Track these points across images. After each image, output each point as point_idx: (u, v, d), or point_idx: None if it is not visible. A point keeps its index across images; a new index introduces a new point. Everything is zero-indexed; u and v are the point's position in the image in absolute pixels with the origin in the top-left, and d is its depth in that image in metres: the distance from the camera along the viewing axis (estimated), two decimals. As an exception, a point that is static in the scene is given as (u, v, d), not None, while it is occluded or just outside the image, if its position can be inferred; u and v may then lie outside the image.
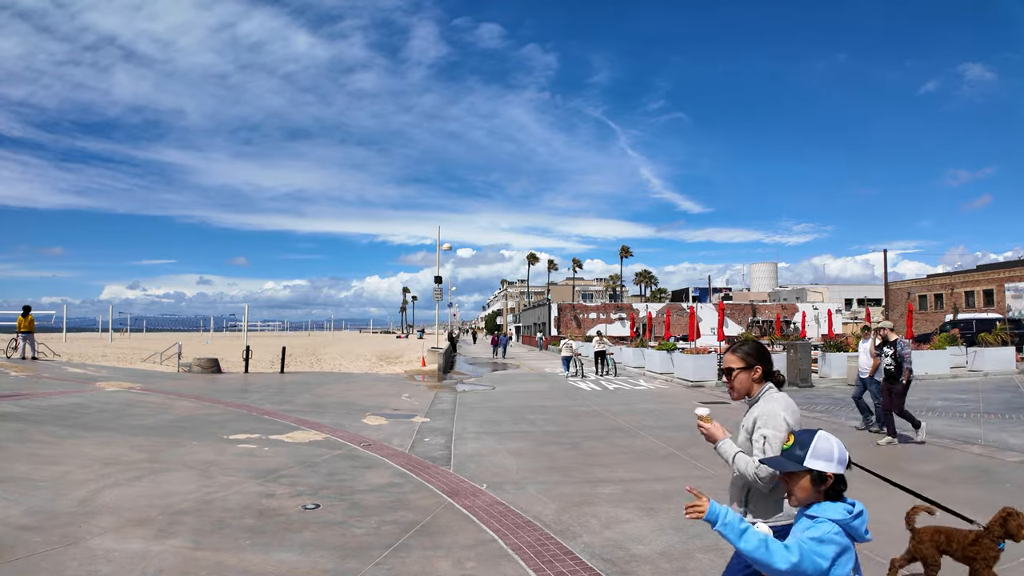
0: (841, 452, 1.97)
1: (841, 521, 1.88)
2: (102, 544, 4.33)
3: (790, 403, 2.48)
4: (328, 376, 19.10)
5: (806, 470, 1.94)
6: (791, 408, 2.46)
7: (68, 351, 24.55)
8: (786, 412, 2.43)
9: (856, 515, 1.90)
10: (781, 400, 2.49)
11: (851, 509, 1.91)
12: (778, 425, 2.39)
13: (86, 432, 8.22)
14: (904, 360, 8.27)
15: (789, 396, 2.56)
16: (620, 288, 78.39)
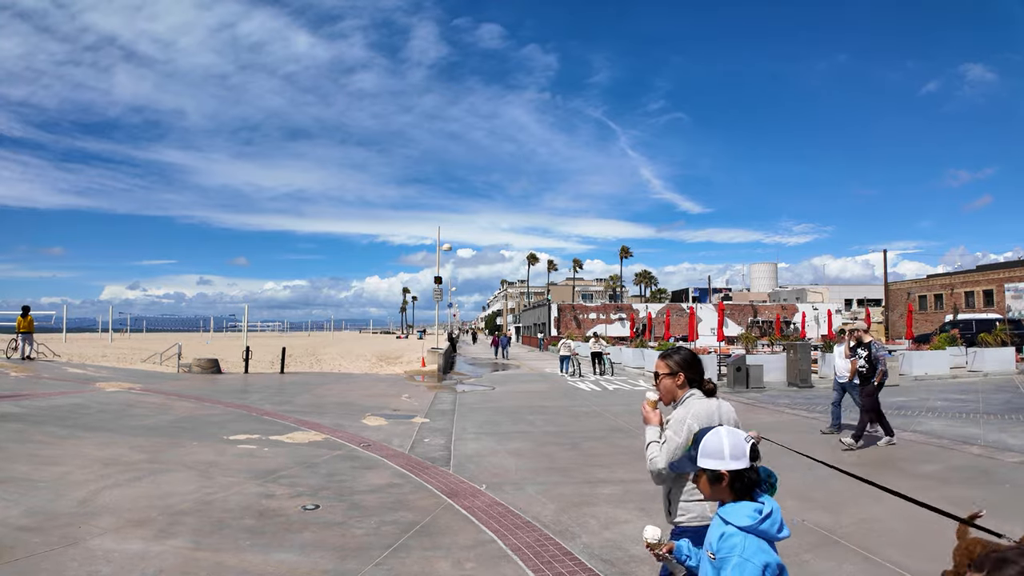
0: (735, 448, 1.93)
1: (749, 528, 1.85)
2: (102, 545, 4.33)
3: (706, 411, 2.59)
4: (328, 376, 19.11)
5: (702, 469, 1.96)
6: (703, 415, 2.56)
7: (68, 351, 24.55)
8: (693, 419, 2.54)
9: (764, 518, 1.86)
10: (695, 406, 2.60)
11: (760, 510, 1.87)
12: (679, 430, 2.53)
13: (86, 433, 8.22)
14: (879, 362, 8.23)
15: (727, 403, 2.70)
16: (620, 288, 78.39)
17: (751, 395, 14.30)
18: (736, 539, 1.83)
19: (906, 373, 17.32)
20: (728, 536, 1.86)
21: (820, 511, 5.32)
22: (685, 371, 2.73)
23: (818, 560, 4.22)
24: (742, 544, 1.81)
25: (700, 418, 2.57)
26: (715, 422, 2.55)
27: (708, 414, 2.59)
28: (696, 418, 2.57)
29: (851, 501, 5.62)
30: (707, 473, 1.95)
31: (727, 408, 2.70)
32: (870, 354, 8.31)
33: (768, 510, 1.88)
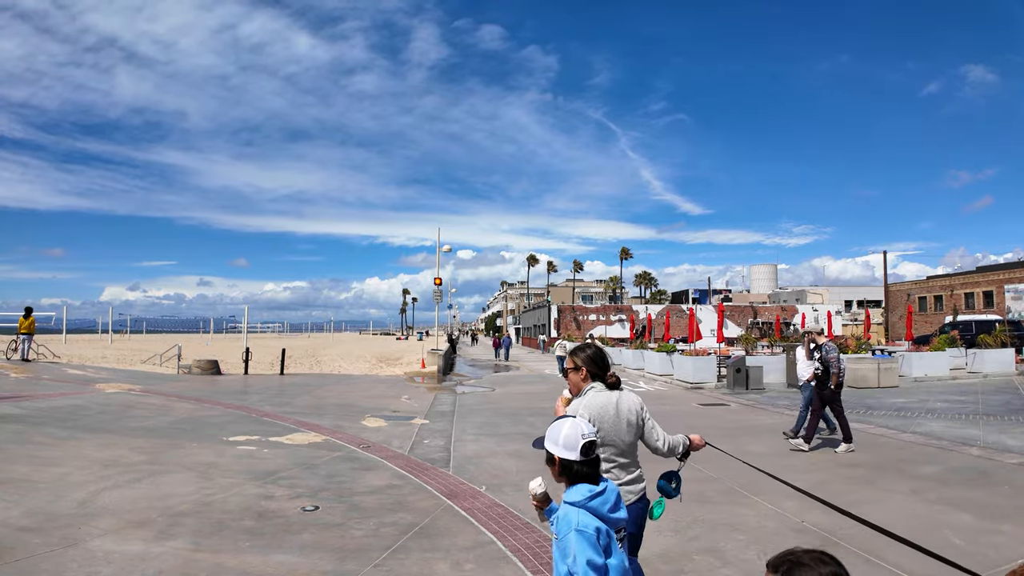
0: (568, 438, 2.09)
1: (577, 503, 2.05)
2: (102, 546, 4.34)
3: (601, 402, 2.84)
4: (328, 378, 19.11)
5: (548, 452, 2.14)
6: (595, 406, 2.82)
7: (68, 353, 24.54)
8: (585, 408, 2.81)
9: (595, 495, 2.06)
10: (589, 398, 2.87)
11: (593, 490, 2.07)
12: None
13: (86, 434, 8.23)
14: (830, 365, 8.20)
15: (632, 395, 3.00)
16: (620, 290, 78.39)
17: (751, 396, 14.30)
18: (572, 515, 2.03)
19: (906, 374, 17.33)
20: (564, 515, 2.07)
21: (820, 512, 5.31)
22: (588, 367, 2.97)
23: (817, 561, 4.22)
24: (576, 518, 2.02)
25: (592, 408, 2.81)
26: (609, 413, 2.83)
27: (602, 405, 2.84)
28: (588, 408, 2.81)
29: (851, 503, 5.62)
30: (547, 454, 2.16)
31: (629, 400, 2.95)
32: (822, 356, 8.30)
33: (600, 489, 2.08)
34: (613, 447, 2.85)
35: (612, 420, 2.83)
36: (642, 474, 3.03)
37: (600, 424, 2.77)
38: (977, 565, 4.08)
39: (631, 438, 2.94)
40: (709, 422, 10.75)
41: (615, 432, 2.85)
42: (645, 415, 3.03)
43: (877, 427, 9.65)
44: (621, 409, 2.88)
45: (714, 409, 12.47)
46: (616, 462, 2.87)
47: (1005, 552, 4.32)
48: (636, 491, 2.92)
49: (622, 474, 2.89)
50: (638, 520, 2.88)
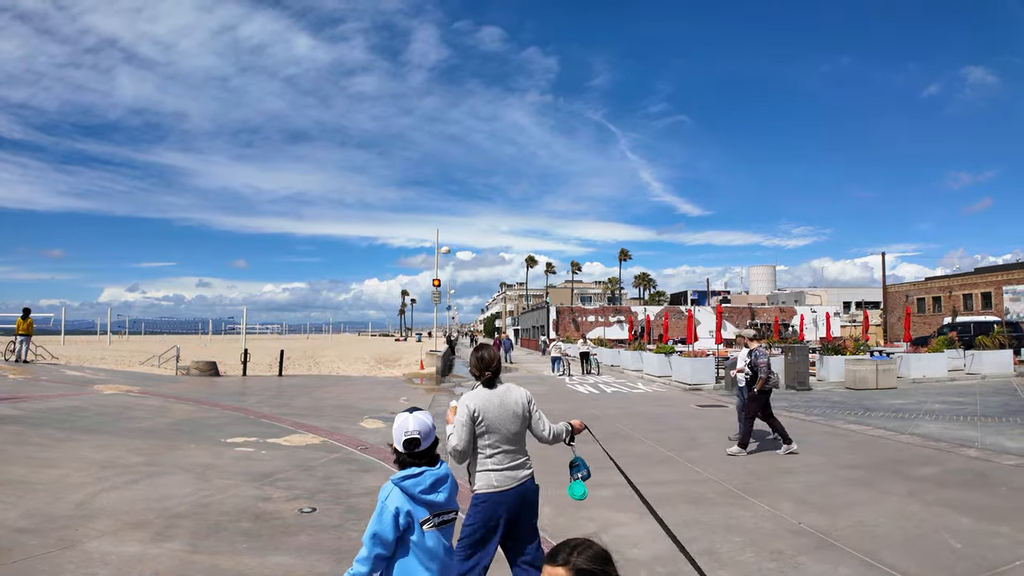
0: (399, 431, 2.43)
1: (393, 480, 2.38)
2: (99, 547, 4.33)
3: (484, 396, 3.17)
4: (326, 379, 19.10)
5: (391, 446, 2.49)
6: (480, 397, 3.16)
7: (66, 354, 24.51)
8: (469, 399, 3.15)
9: (408, 476, 2.38)
10: (476, 391, 3.21)
11: (412, 471, 2.39)
12: (459, 407, 3.14)
13: (84, 435, 8.22)
14: (759, 369, 8.17)
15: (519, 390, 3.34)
16: (619, 291, 78.41)
17: (749, 398, 14.31)
18: (386, 489, 2.35)
19: (904, 376, 17.35)
20: (382, 488, 2.38)
21: (816, 513, 5.32)
22: (474, 368, 3.30)
23: (814, 563, 4.22)
24: (387, 492, 2.34)
25: (477, 400, 3.15)
26: (494, 403, 3.16)
27: (486, 398, 3.17)
28: (474, 400, 3.15)
29: (848, 504, 5.63)
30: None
31: (516, 394, 3.27)
32: (751, 360, 8.27)
33: (417, 472, 2.40)
34: (498, 435, 3.14)
35: (496, 411, 3.14)
36: (527, 462, 3.28)
37: (484, 414, 3.12)
38: (975, 567, 4.09)
39: (517, 428, 3.21)
40: (707, 423, 10.75)
41: (499, 422, 3.14)
42: (532, 408, 3.33)
43: (875, 428, 9.66)
44: (506, 401, 3.19)
45: (712, 410, 12.47)
46: (500, 448, 3.14)
47: (1003, 554, 4.33)
48: (518, 477, 3.17)
49: (506, 460, 3.14)
50: (518, 503, 3.15)
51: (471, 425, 3.09)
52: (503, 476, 3.11)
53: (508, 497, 3.10)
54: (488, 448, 3.12)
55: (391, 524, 2.29)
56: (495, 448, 3.13)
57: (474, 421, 3.10)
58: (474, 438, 3.11)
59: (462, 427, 3.08)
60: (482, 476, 3.11)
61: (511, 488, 3.11)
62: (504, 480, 3.10)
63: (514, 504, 3.12)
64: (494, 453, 3.12)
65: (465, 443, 3.08)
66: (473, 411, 3.09)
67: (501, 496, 3.10)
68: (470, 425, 3.09)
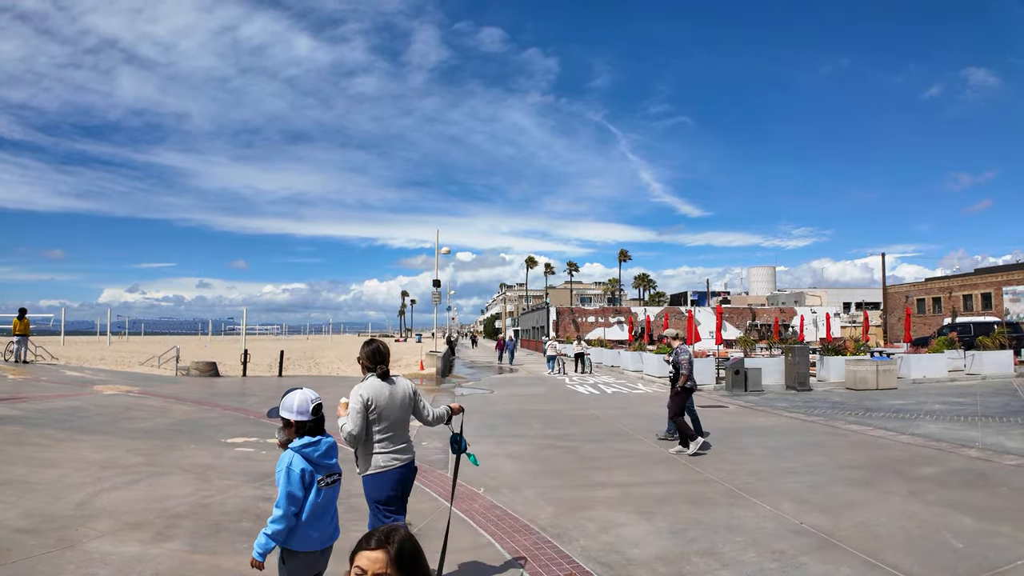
0: (302, 404, 2.81)
1: (294, 448, 2.75)
2: (99, 547, 4.32)
3: (377, 386, 3.54)
4: (326, 380, 19.08)
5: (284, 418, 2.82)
6: (373, 388, 3.52)
7: (66, 354, 24.50)
8: (362, 389, 3.49)
9: (307, 444, 2.76)
10: (368, 382, 3.56)
11: (309, 440, 2.77)
12: (352, 397, 3.49)
13: (84, 435, 8.21)
14: (680, 367, 8.30)
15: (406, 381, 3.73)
16: (619, 292, 78.41)
17: (749, 398, 14.30)
18: (287, 456, 2.73)
19: (904, 376, 17.34)
20: (283, 456, 2.74)
21: (818, 514, 5.32)
22: (368, 359, 3.64)
23: (816, 563, 4.22)
24: (290, 458, 2.71)
25: (370, 390, 3.50)
26: (384, 393, 3.53)
27: (378, 388, 3.54)
28: (367, 389, 3.49)
29: (850, 504, 5.62)
30: (283, 420, 2.84)
31: (403, 385, 3.68)
32: (673, 360, 8.40)
33: (314, 440, 2.78)
34: (388, 422, 3.53)
35: (387, 399, 3.53)
36: (410, 447, 3.70)
37: (376, 402, 3.48)
38: (977, 567, 4.08)
39: (403, 415, 3.63)
40: (707, 424, 10.73)
41: (389, 410, 3.54)
42: (417, 398, 3.76)
43: (876, 429, 9.65)
44: (396, 392, 3.59)
45: (712, 411, 12.46)
46: (388, 434, 3.54)
47: (1004, 554, 4.32)
48: (402, 459, 3.59)
49: (390, 445, 3.55)
50: (402, 482, 3.61)
51: (365, 413, 3.45)
52: (389, 458, 3.54)
53: (394, 476, 3.56)
54: (378, 434, 3.50)
55: (299, 483, 2.68)
56: (384, 434, 3.52)
57: (367, 409, 3.46)
58: (367, 424, 3.47)
59: (357, 415, 3.43)
60: (373, 459, 3.52)
61: (395, 468, 3.56)
62: (390, 461, 3.54)
63: (400, 481, 3.58)
64: (383, 438, 3.52)
65: (359, 429, 3.44)
66: (367, 400, 3.46)
67: (387, 475, 3.54)
68: (364, 413, 3.45)
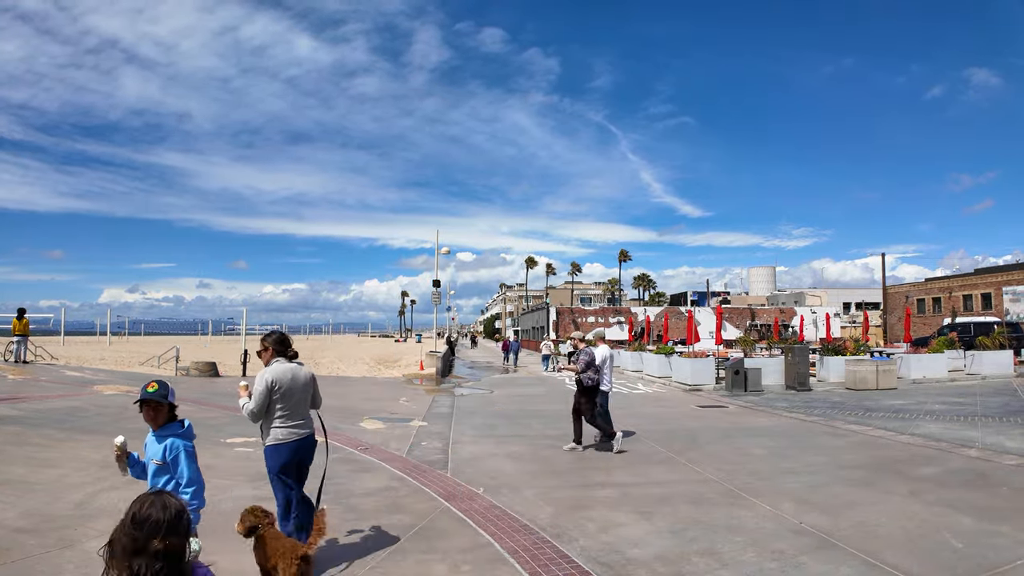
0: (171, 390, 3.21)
1: (181, 433, 3.16)
2: (99, 547, 4.31)
3: (281, 369, 4.02)
4: (326, 380, 19.08)
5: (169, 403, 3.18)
6: (278, 371, 4.01)
7: (66, 354, 24.50)
8: (268, 374, 3.98)
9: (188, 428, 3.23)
10: (274, 366, 4.05)
11: (186, 423, 3.22)
12: (258, 380, 3.98)
13: (83, 435, 8.21)
14: (579, 365, 8.47)
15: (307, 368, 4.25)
16: (619, 292, 78.42)
17: (749, 398, 14.29)
18: (178, 443, 3.11)
19: (904, 376, 17.33)
20: (173, 443, 3.10)
21: (818, 514, 5.31)
22: (274, 347, 4.12)
23: (815, 563, 4.21)
24: (183, 442, 3.13)
25: (276, 373, 3.99)
26: (287, 376, 4.01)
27: (283, 371, 4.02)
28: (272, 373, 3.99)
29: (849, 504, 5.62)
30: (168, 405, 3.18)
31: (304, 371, 4.18)
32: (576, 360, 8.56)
33: (188, 423, 3.24)
34: (290, 399, 4.01)
35: (290, 382, 4.02)
36: (308, 423, 4.18)
37: (280, 383, 3.97)
38: (976, 567, 4.08)
39: (304, 395, 4.13)
40: (707, 424, 10.74)
41: (292, 389, 4.03)
42: (315, 384, 4.28)
43: (876, 429, 9.65)
44: (297, 375, 4.09)
45: (712, 411, 12.46)
46: (289, 411, 4.02)
47: (1004, 553, 4.32)
48: (299, 433, 4.07)
49: (289, 420, 4.03)
50: (298, 452, 4.08)
51: (268, 394, 3.94)
52: (288, 431, 4.02)
53: (293, 448, 4.04)
54: (280, 410, 3.99)
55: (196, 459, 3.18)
56: (285, 411, 4.00)
57: (271, 390, 3.95)
58: (269, 403, 3.96)
59: (261, 395, 3.92)
60: (273, 432, 4.00)
61: (293, 440, 4.04)
62: (289, 435, 4.02)
63: (297, 452, 4.06)
64: (283, 415, 4.00)
65: (261, 407, 3.93)
66: (271, 382, 3.95)
67: (288, 447, 4.02)
68: (267, 394, 3.94)
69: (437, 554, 4.44)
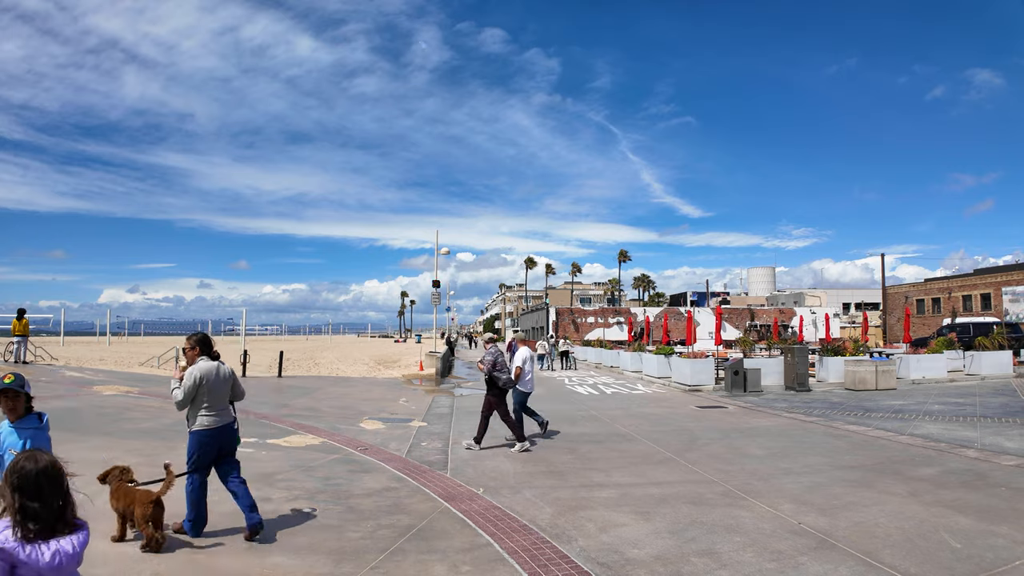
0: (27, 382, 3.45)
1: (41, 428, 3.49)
2: (99, 547, 4.32)
3: (208, 367, 4.70)
4: (325, 380, 19.08)
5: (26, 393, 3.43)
6: (205, 368, 4.68)
7: (65, 355, 24.49)
8: (196, 371, 4.65)
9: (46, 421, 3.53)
10: (201, 363, 4.73)
11: (41, 416, 3.51)
12: (188, 376, 4.65)
13: (83, 436, 8.21)
14: (484, 364, 8.67)
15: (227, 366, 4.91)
16: (618, 292, 78.42)
17: (749, 399, 14.31)
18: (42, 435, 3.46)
19: (904, 377, 17.34)
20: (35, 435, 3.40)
21: (817, 514, 5.32)
22: (199, 346, 4.81)
23: (814, 563, 4.22)
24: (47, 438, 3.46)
25: (203, 370, 4.66)
26: (213, 373, 4.70)
27: (209, 368, 4.70)
28: (200, 370, 4.66)
29: (848, 505, 5.63)
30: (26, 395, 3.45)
31: (225, 368, 4.85)
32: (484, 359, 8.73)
33: (47, 419, 3.54)
34: (213, 394, 4.68)
35: (215, 377, 4.70)
36: (228, 413, 4.84)
37: (207, 379, 4.65)
38: (975, 567, 4.09)
39: (224, 389, 4.79)
40: (706, 424, 10.75)
41: (216, 384, 4.70)
42: (235, 379, 4.92)
43: (875, 429, 9.66)
44: (221, 371, 4.79)
45: (712, 411, 12.47)
46: (212, 401, 4.68)
47: (1002, 554, 4.33)
48: (220, 421, 4.73)
49: (212, 410, 4.69)
50: (218, 438, 4.73)
51: (195, 387, 4.60)
52: (212, 419, 4.68)
53: (214, 433, 4.70)
54: (205, 401, 4.66)
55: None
56: (209, 401, 4.67)
57: (198, 385, 4.61)
58: (196, 395, 4.63)
59: (189, 388, 4.59)
60: (199, 419, 4.65)
61: (216, 427, 4.70)
62: (213, 422, 4.68)
63: (218, 438, 4.72)
64: (208, 405, 4.67)
65: (187, 397, 4.61)
66: (200, 378, 4.63)
67: (210, 432, 4.68)
68: (195, 387, 4.60)
69: (437, 554, 4.45)
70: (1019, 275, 40.74)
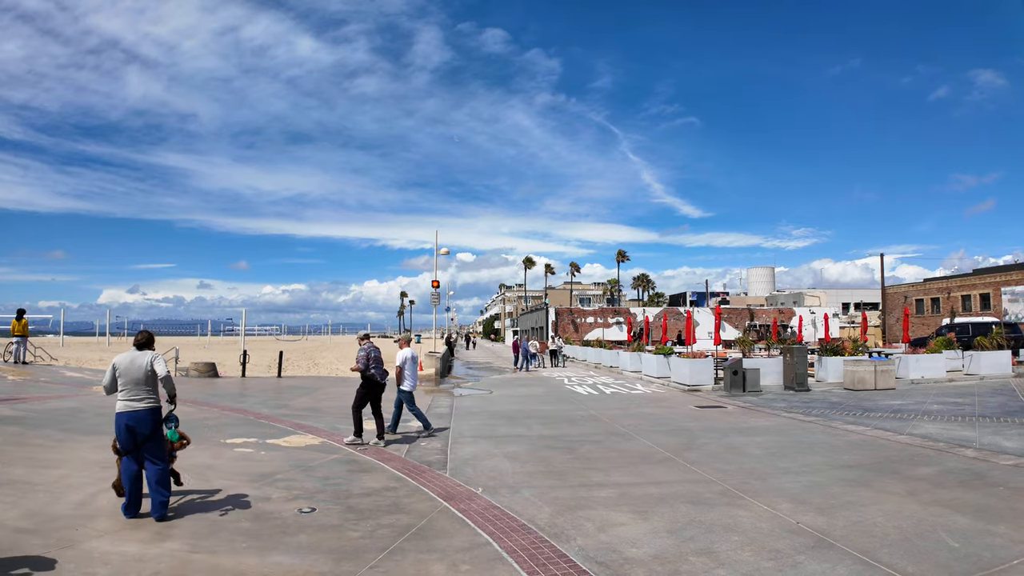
0: None
1: None
2: (99, 547, 4.34)
3: (125, 355, 5.19)
4: (325, 380, 19.09)
5: None
6: (122, 357, 5.19)
7: (65, 355, 24.49)
8: (116, 360, 5.20)
9: None
10: (124, 353, 5.24)
11: None
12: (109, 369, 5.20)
13: (83, 436, 8.22)
14: (358, 360, 8.98)
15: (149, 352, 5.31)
16: (618, 292, 78.43)
17: (748, 398, 14.32)
18: None
19: (903, 376, 17.37)
20: None
21: (815, 513, 5.34)
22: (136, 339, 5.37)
23: (812, 562, 4.24)
24: None
25: (120, 358, 5.19)
26: (127, 360, 5.13)
27: (124, 356, 5.17)
28: (118, 358, 5.18)
29: (846, 504, 5.64)
30: None
31: (144, 356, 5.21)
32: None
33: None
34: (126, 379, 5.11)
35: (128, 364, 5.13)
36: (146, 399, 5.16)
37: (120, 366, 5.13)
38: (972, 566, 4.11)
39: (137, 375, 5.13)
40: (705, 424, 10.76)
41: (128, 372, 5.12)
42: (149, 368, 5.18)
43: (873, 429, 9.68)
44: (135, 359, 5.18)
45: (711, 411, 12.48)
46: (127, 387, 5.11)
47: (1000, 553, 4.35)
48: (132, 406, 5.08)
49: (127, 395, 5.10)
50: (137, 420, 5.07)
51: (112, 373, 5.13)
52: (125, 404, 5.08)
53: (128, 416, 5.05)
54: (121, 387, 5.12)
55: None
56: (124, 387, 5.11)
57: (115, 371, 5.13)
58: (115, 380, 5.12)
59: (109, 374, 5.15)
60: (117, 404, 5.10)
61: (129, 411, 5.07)
62: (125, 406, 5.07)
63: (131, 420, 5.05)
64: (123, 390, 5.11)
65: (109, 384, 5.14)
66: (114, 365, 5.17)
67: (124, 416, 5.06)
68: (112, 373, 5.14)
69: (436, 553, 4.46)
70: (1018, 275, 40.77)
